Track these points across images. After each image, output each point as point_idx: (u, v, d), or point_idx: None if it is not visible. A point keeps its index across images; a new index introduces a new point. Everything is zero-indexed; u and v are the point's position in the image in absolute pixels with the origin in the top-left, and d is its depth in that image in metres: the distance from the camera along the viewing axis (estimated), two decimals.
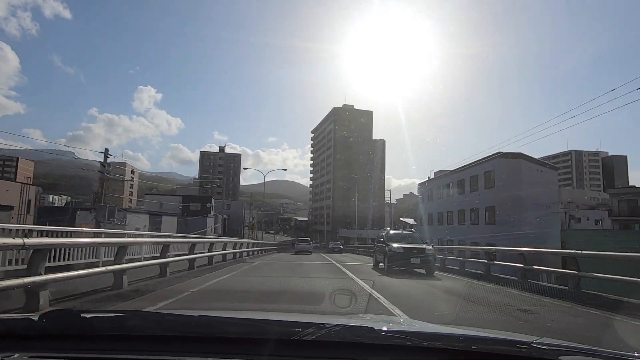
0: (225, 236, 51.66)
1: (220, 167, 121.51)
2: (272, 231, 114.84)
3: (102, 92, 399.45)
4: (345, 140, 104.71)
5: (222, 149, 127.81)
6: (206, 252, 13.15)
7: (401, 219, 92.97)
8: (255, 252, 24.52)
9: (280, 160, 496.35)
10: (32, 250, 4.62)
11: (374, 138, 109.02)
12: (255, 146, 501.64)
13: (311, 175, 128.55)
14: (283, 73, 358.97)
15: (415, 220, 59.51)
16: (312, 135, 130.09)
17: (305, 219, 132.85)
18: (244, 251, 20.16)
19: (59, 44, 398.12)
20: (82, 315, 1.37)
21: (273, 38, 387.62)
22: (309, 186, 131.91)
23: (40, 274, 4.61)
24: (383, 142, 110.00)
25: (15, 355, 1.19)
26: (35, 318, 1.33)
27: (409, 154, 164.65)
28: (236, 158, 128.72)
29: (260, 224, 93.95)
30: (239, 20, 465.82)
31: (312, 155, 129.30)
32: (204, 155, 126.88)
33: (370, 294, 7.17)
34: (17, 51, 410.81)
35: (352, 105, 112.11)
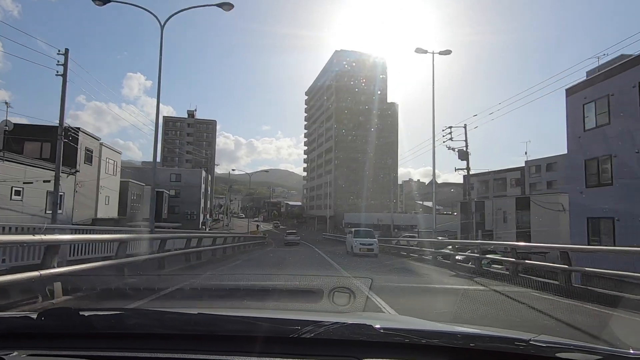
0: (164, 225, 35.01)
1: (190, 136, 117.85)
2: (257, 218, 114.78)
3: (89, 78, 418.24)
4: (350, 96, 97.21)
5: (191, 114, 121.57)
6: None
7: (424, 202, 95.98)
8: None
9: (274, 149, 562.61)
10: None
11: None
12: (249, 135, 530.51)
13: (305, 148, 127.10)
14: (276, 60, 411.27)
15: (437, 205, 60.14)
16: (307, 97, 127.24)
17: (299, 203, 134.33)
18: None
19: (43, 27, 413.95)
20: (81, 313, 1.63)
21: (267, 25, 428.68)
22: (303, 161, 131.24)
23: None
24: (396, 105, 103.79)
25: (14, 353, 1.42)
26: (34, 316, 1.60)
27: (404, 141, 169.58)
28: (210, 126, 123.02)
29: (229, 208, 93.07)
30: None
31: (305, 123, 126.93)
32: (168, 122, 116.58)
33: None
34: None
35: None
